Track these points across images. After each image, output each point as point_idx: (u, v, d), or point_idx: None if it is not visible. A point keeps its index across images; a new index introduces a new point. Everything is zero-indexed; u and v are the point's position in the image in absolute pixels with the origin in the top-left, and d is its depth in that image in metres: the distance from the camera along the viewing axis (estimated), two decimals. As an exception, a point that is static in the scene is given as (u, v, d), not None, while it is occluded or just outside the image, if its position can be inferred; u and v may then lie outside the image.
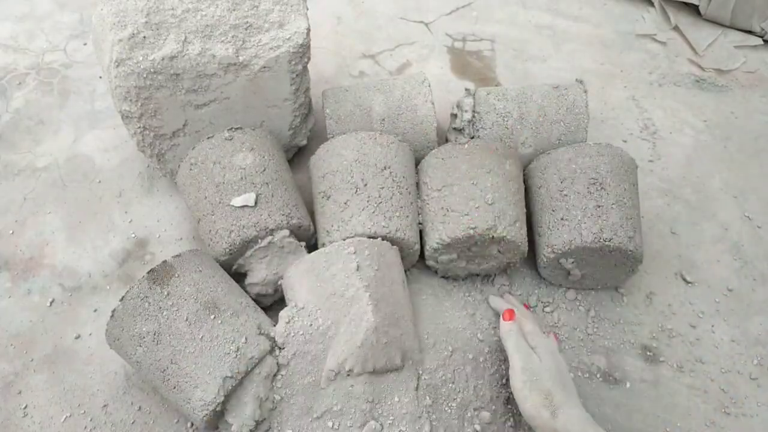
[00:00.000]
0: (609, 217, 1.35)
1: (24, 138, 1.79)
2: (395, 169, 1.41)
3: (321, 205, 1.43)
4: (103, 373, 1.34)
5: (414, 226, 1.42)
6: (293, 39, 1.42)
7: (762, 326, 1.51)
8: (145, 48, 1.32)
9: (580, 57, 2.23)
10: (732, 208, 1.77)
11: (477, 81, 2.11)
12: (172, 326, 1.15)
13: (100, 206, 1.65)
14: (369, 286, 1.22)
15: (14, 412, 1.28)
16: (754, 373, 1.42)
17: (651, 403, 1.36)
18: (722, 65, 2.22)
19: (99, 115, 1.87)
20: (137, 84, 1.34)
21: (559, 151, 1.47)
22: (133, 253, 1.56)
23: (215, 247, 1.35)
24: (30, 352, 1.37)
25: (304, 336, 1.19)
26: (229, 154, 1.39)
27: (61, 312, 1.44)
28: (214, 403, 1.11)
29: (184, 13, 1.35)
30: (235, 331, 1.17)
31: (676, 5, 2.43)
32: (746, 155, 1.93)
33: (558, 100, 1.59)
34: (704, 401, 1.37)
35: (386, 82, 1.65)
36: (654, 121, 2.01)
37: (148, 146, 1.49)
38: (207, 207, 1.36)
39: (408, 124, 1.59)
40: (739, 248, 1.67)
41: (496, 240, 1.35)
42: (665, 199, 1.78)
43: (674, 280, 1.59)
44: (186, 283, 1.20)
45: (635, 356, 1.43)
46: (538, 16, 2.39)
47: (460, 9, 2.39)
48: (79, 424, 1.26)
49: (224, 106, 1.47)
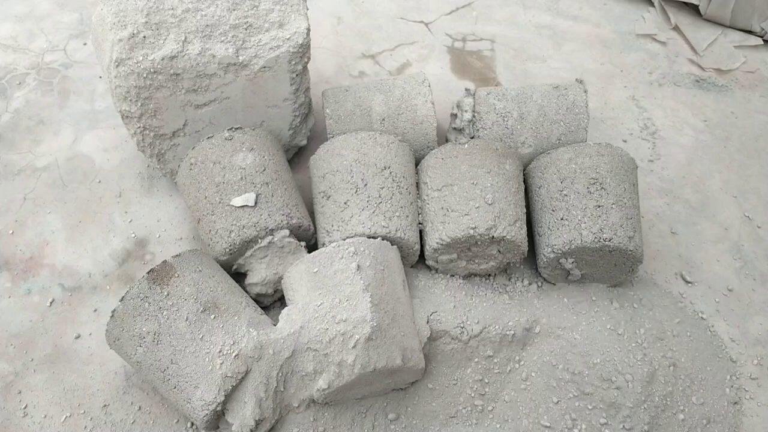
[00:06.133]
0: (609, 217, 1.35)
1: (24, 138, 1.79)
2: (395, 169, 1.42)
3: (321, 205, 1.43)
4: (103, 373, 1.34)
5: (414, 226, 1.42)
6: (293, 39, 1.42)
7: (762, 326, 1.51)
8: (145, 48, 1.32)
9: (580, 57, 2.23)
10: (732, 208, 1.77)
11: (477, 81, 2.11)
12: (172, 326, 1.15)
13: (100, 206, 1.65)
14: (369, 286, 1.22)
15: (14, 412, 1.28)
16: (754, 373, 1.42)
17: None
18: (722, 65, 2.22)
19: (99, 115, 1.87)
20: (137, 84, 1.34)
21: (559, 151, 1.47)
22: (133, 253, 1.56)
23: (215, 247, 1.35)
24: (30, 352, 1.37)
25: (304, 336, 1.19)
26: (229, 154, 1.39)
27: (61, 312, 1.44)
28: (214, 402, 1.11)
29: (184, 13, 1.35)
30: (235, 330, 1.17)
31: (676, 5, 2.43)
32: (746, 155, 1.93)
33: (558, 100, 1.59)
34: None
35: (386, 82, 1.65)
36: (654, 121, 2.01)
37: (148, 146, 1.50)
38: (207, 207, 1.37)
39: (408, 124, 1.59)
40: (739, 248, 1.67)
41: (496, 240, 1.35)
42: (665, 199, 1.78)
43: (674, 280, 1.59)
44: (186, 283, 1.20)
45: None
46: (538, 16, 2.39)
47: (460, 9, 2.39)
48: (79, 424, 1.26)
49: (224, 106, 1.47)
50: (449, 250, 1.39)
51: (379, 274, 1.26)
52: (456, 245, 1.37)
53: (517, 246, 1.37)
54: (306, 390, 1.19)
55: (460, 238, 1.33)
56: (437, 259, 1.43)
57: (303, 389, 1.19)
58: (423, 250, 1.45)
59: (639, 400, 1.32)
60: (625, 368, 1.35)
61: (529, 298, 1.48)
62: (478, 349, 1.37)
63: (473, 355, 1.37)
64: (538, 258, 1.47)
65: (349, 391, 1.21)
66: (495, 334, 1.38)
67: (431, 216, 1.40)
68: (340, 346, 1.16)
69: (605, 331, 1.42)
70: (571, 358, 1.39)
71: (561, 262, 1.41)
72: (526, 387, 1.37)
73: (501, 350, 1.39)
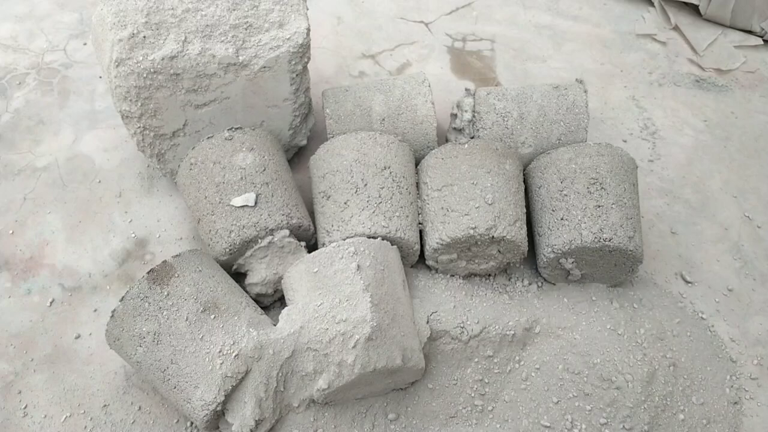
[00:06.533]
0: (609, 217, 1.35)
1: (24, 138, 1.79)
2: (395, 169, 1.42)
3: (321, 205, 1.43)
4: (103, 373, 1.34)
5: (414, 226, 1.42)
6: (293, 39, 1.42)
7: (762, 326, 1.51)
8: (145, 48, 1.32)
9: (580, 57, 2.23)
10: (732, 208, 1.77)
11: (477, 81, 2.11)
12: (172, 326, 1.15)
13: (100, 206, 1.65)
14: (369, 286, 1.22)
15: (14, 412, 1.28)
16: (754, 373, 1.42)
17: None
18: (722, 65, 2.22)
19: (99, 115, 1.87)
20: (137, 84, 1.34)
21: (559, 151, 1.47)
22: (133, 253, 1.56)
23: (215, 247, 1.35)
24: (30, 352, 1.37)
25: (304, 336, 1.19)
26: (229, 154, 1.39)
27: (61, 312, 1.44)
28: (214, 402, 1.11)
29: (184, 13, 1.35)
30: (235, 330, 1.17)
31: (676, 5, 2.43)
32: (746, 155, 1.93)
33: (558, 100, 1.59)
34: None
35: (386, 82, 1.65)
36: (654, 121, 2.01)
37: (148, 146, 1.50)
38: (207, 207, 1.37)
39: (408, 124, 1.59)
40: (739, 248, 1.67)
41: (496, 240, 1.35)
42: (665, 199, 1.78)
43: (674, 280, 1.59)
44: (186, 283, 1.20)
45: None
46: (538, 16, 2.39)
47: (460, 9, 2.39)
48: (79, 424, 1.26)
49: (224, 106, 1.47)
50: (449, 250, 1.39)
51: (379, 274, 1.26)
52: (456, 245, 1.37)
53: (517, 246, 1.37)
54: (306, 390, 1.19)
55: (460, 238, 1.33)
56: (437, 259, 1.43)
57: (303, 389, 1.19)
58: (423, 250, 1.45)
59: (639, 400, 1.32)
60: (625, 368, 1.35)
61: (529, 298, 1.48)
62: (478, 349, 1.37)
63: (473, 355, 1.37)
64: (538, 258, 1.47)
65: (349, 391, 1.21)
66: (495, 334, 1.38)
67: (431, 216, 1.40)
68: (340, 346, 1.16)
69: (605, 331, 1.42)
70: (571, 358, 1.39)
71: (561, 262, 1.41)
72: (526, 387, 1.37)
73: (501, 350, 1.39)
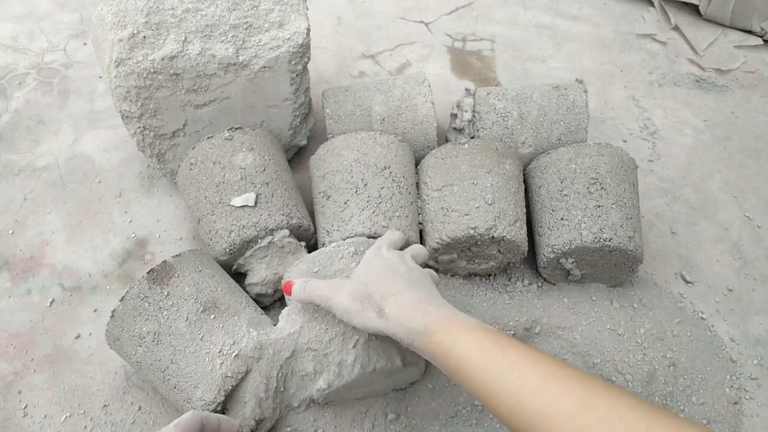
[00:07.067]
0: (609, 217, 1.35)
1: (24, 138, 1.79)
2: (395, 169, 1.41)
3: (321, 205, 1.43)
4: (103, 373, 1.34)
5: (414, 226, 1.42)
6: (293, 39, 1.42)
7: (762, 326, 1.51)
8: (145, 48, 1.32)
9: (580, 57, 2.23)
10: (732, 208, 1.77)
11: (477, 81, 2.11)
12: (172, 326, 1.15)
13: (100, 206, 1.65)
14: (369, 286, 1.22)
15: (14, 412, 1.28)
16: (754, 373, 1.42)
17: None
18: (722, 65, 2.22)
19: (99, 115, 1.87)
20: (137, 84, 1.34)
21: (559, 151, 1.47)
22: (133, 253, 1.56)
23: (215, 247, 1.35)
24: (30, 352, 1.37)
25: (304, 336, 1.19)
26: (229, 154, 1.39)
27: (61, 312, 1.44)
28: (214, 403, 1.11)
29: (184, 12, 1.35)
30: (235, 330, 1.17)
31: (676, 5, 2.43)
32: (746, 155, 1.93)
33: (558, 100, 1.59)
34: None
35: (386, 82, 1.65)
36: (654, 121, 2.01)
37: (148, 146, 1.49)
38: (207, 207, 1.36)
39: (408, 124, 1.59)
40: (739, 248, 1.67)
41: (496, 240, 1.35)
42: (665, 199, 1.78)
43: (674, 280, 1.59)
44: (186, 283, 1.20)
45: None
46: (538, 16, 2.39)
47: (460, 9, 2.39)
48: (79, 424, 1.26)
49: (224, 106, 1.47)
50: (449, 250, 1.39)
51: (379, 274, 1.26)
52: (456, 245, 1.37)
53: (517, 246, 1.37)
54: (306, 390, 1.19)
55: (460, 238, 1.33)
56: (437, 259, 1.43)
57: (303, 389, 1.19)
58: (423, 250, 1.45)
59: (639, 400, 1.32)
60: (625, 368, 1.35)
61: (529, 298, 1.48)
62: (478, 349, 1.37)
63: (473, 355, 1.37)
64: (538, 258, 1.47)
65: (349, 391, 1.21)
66: (495, 334, 1.38)
67: (431, 216, 1.40)
68: (340, 346, 1.16)
69: (605, 332, 1.42)
70: (571, 358, 1.39)
71: (561, 262, 1.41)
72: (526, 387, 1.36)
73: (501, 350, 1.38)
